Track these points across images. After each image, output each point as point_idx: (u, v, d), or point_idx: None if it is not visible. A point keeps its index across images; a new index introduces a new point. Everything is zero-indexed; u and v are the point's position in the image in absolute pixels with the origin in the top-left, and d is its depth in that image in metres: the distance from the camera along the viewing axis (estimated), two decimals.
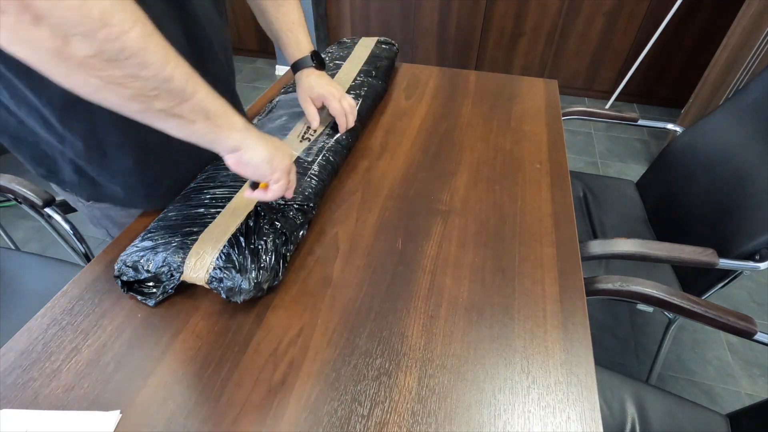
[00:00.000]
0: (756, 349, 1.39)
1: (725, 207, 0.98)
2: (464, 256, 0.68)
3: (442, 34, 2.68)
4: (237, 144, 0.50)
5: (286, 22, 0.78)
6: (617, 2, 2.32)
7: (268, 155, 0.52)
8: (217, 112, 0.46)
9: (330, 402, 0.50)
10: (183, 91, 0.42)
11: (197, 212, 0.65)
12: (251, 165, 0.52)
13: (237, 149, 0.50)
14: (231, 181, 0.70)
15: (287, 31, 0.78)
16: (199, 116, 0.45)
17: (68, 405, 0.49)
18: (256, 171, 0.54)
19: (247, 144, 0.50)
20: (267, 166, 0.53)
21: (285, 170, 0.56)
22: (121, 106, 0.41)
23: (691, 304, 0.76)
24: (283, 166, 0.56)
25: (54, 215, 0.97)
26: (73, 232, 1.01)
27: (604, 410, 0.79)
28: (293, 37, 0.79)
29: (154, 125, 0.44)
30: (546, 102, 1.09)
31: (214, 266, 0.57)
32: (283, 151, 0.56)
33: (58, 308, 0.59)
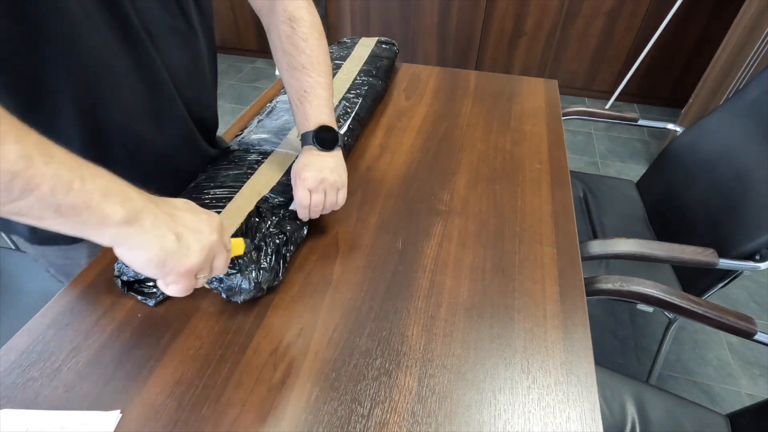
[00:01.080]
0: (756, 349, 1.39)
1: (725, 207, 0.98)
2: (464, 256, 0.68)
3: (442, 34, 2.68)
4: (112, 241, 0.39)
5: (297, 91, 0.68)
6: (617, 2, 2.32)
7: (157, 256, 0.40)
8: (75, 206, 0.35)
9: (330, 402, 0.50)
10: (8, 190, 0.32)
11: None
12: (134, 265, 0.41)
13: (114, 246, 0.39)
14: (231, 181, 0.70)
15: (297, 102, 0.69)
16: (46, 212, 0.35)
17: (68, 405, 0.49)
18: (142, 271, 0.41)
19: (124, 242, 0.39)
20: (154, 269, 0.41)
21: (185, 273, 0.42)
22: None
23: (691, 304, 0.76)
24: (180, 270, 0.42)
25: None
26: None
27: (604, 410, 0.79)
28: (301, 108, 0.68)
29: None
30: (546, 102, 1.09)
31: None
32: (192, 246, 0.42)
33: (58, 308, 0.59)
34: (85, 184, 0.36)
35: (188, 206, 0.45)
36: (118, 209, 0.37)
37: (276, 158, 0.76)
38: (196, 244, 0.42)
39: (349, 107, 0.91)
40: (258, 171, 0.73)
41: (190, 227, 0.43)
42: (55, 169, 0.34)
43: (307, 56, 0.67)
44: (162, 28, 0.56)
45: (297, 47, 0.67)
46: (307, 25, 0.68)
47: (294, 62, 0.67)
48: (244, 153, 0.78)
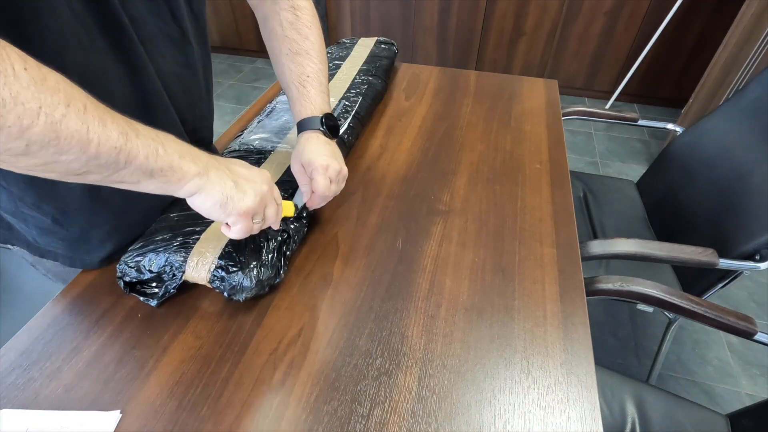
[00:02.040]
0: (756, 349, 1.39)
1: (725, 207, 0.98)
2: (464, 256, 0.68)
3: (442, 34, 2.68)
4: (189, 192, 0.47)
5: (300, 75, 0.66)
6: (617, 2, 2.32)
7: (220, 201, 0.47)
8: (162, 168, 0.43)
9: (330, 402, 0.50)
10: (116, 163, 0.39)
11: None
12: (202, 209, 0.49)
13: (190, 195, 0.47)
14: None
15: (298, 85, 0.66)
16: (142, 177, 0.42)
17: (68, 405, 0.49)
18: (209, 214, 0.49)
19: (199, 191, 0.47)
20: (219, 211, 0.48)
21: (242, 214, 0.49)
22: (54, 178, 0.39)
23: (691, 304, 0.76)
24: (239, 210, 0.49)
25: None
26: None
27: (604, 410, 0.79)
28: (304, 92, 0.66)
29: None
30: (546, 102, 1.09)
31: (216, 265, 0.57)
32: (247, 191, 0.50)
33: (58, 308, 0.59)
34: (167, 149, 0.43)
35: (242, 163, 0.52)
36: (192, 166, 0.45)
37: (277, 157, 0.76)
38: (251, 190, 0.50)
39: (349, 106, 0.91)
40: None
41: (245, 177, 0.50)
42: (144, 140, 0.41)
43: (311, 43, 0.67)
44: (154, 34, 0.55)
45: (300, 33, 0.67)
46: (310, 14, 0.68)
47: (297, 47, 0.66)
48: (246, 153, 0.78)
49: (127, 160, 0.40)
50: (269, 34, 0.68)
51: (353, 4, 2.71)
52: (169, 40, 0.58)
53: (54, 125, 0.34)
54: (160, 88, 0.58)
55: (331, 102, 0.91)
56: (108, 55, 0.50)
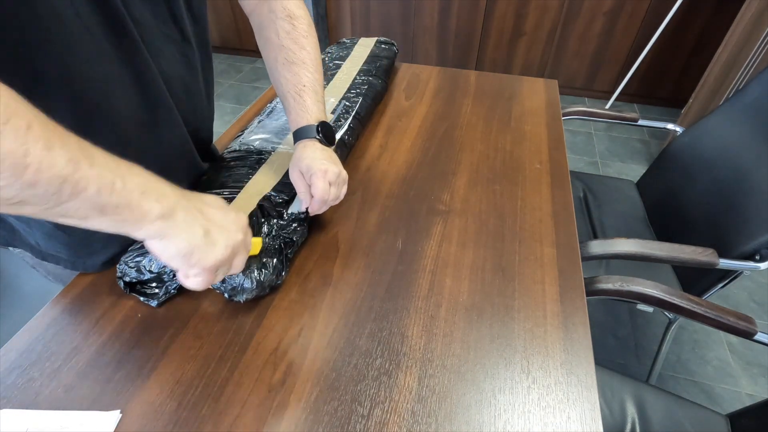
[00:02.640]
0: (756, 349, 1.39)
1: (725, 207, 0.98)
2: (464, 256, 0.68)
3: (442, 34, 2.68)
4: (148, 235, 0.41)
5: (296, 84, 0.66)
6: (617, 2, 2.32)
7: (185, 249, 0.42)
8: (118, 205, 0.37)
9: (330, 402, 0.50)
10: (58, 194, 0.33)
11: None
12: (162, 257, 0.42)
13: (149, 239, 0.41)
14: (232, 182, 0.70)
15: (295, 94, 0.66)
16: (91, 213, 0.36)
17: (68, 405, 0.49)
18: (168, 263, 0.43)
19: (162, 235, 0.41)
20: (181, 261, 0.43)
21: (207, 269, 0.44)
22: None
23: (692, 304, 0.76)
24: (205, 264, 0.43)
25: None
26: None
27: (604, 410, 0.79)
28: (300, 101, 0.66)
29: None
30: (546, 102, 1.09)
31: None
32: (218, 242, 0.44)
33: (58, 308, 0.59)
34: (126, 184, 0.38)
35: (218, 203, 0.47)
36: (155, 206, 0.39)
37: (277, 158, 0.76)
38: (223, 240, 0.44)
39: (350, 106, 0.91)
40: (260, 170, 0.73)
41: (218, 224, 0.45)
42: (98, 171, 0.35)
43: (307, 53, 0.67)
44: (155, 37, 0.55)
45: (297, 43, 0.67)
46: (306, 24, 0.68)
47: (293, 57, 0.66)
48: (246, 153, 0.78)
49: (73, 192, 0.34)
50: (265, 43, 0.68)
51: (353, 4, 2.71)
52: (170, 42, 0.58)
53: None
54: (164, 91, 0.57)
55: (331, 102, 0.91)
56: (113, 59, 0.50)
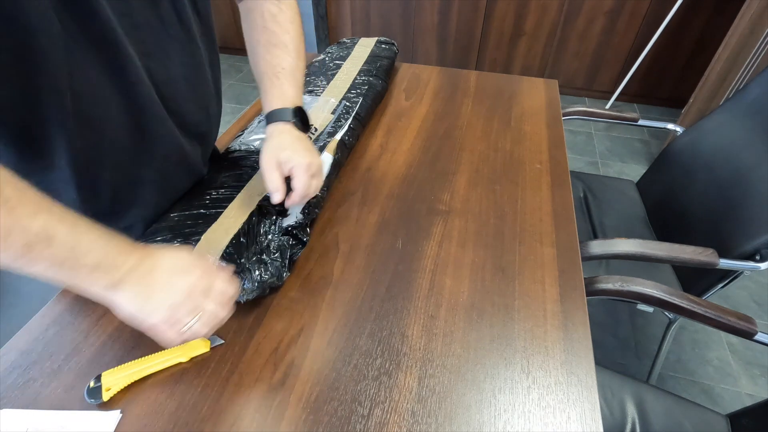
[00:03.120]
0: (756, 349, 1.39)
1: (725, 207, 0.98)
2: (464, 256, 0.68)
3: (443, 34, 2.68)
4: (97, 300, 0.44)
5: (274, 66, 0.64)
6: (617, 2, 2.32)
7: (128, 314, 0.45)
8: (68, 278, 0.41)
9: (330, 402, 0.50)
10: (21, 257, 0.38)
11: (199, 213, 0.65)
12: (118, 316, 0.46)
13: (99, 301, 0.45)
14: (233, 182, 0.70)
15: (272, 76, 0.64)
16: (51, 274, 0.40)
17: (68, 405, 0.49)
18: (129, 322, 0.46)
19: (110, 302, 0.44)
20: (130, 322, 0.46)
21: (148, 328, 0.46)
22: None
23: (692, 304, 0.76)
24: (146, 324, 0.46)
25: None
26: None
27: (605, 410, 0.79)
28: (277, 83, 0.64)
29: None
30: (546, 102, 1.09)
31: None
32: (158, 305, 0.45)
33: (58, 308, 0.59)
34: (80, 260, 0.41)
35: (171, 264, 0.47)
36: (102, 281, 0.43)
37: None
38: (161, 304, 0.45)
39: (350, 107, 0.91)
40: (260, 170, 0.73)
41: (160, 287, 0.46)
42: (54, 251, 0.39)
43: (290, 37, 0.66)
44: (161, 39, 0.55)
45: (282, 26, 0.65)
46: (293, 10, 0.68)
47: (276, 40, 0.65)
48: (246, 153, 0.78)
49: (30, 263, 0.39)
50: (250, 26, 0.67)
51: (353, 4, 2.71)
52: (176, 43, 0.57)
53: None
54: (156, 102, 0.56)
55: (331, 102, 0.91)
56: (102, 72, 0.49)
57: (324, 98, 0.93)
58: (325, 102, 0.91)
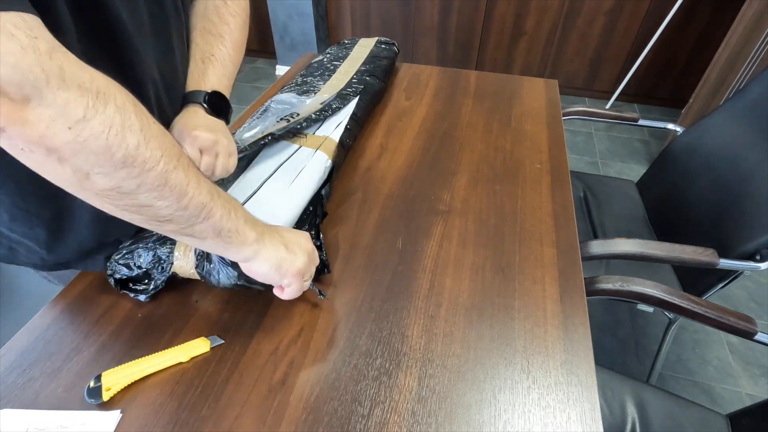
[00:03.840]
0: (756, 349, 1.39)
1: (725, 207, 0.98)
2: (464, 256, 0.68)
3: (443, 34, 2.68)
4: (245, 257, 0.50)
5: (203, 51, 0.63)
6: (618, 2, 2.32)
7: (276, 263, 0.51)
8: (230, 230, 0.46)
9: (330, 402, 0.50)
10: (197, 216, 0.43)
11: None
12: (259, 274, 0.52)
13: (246, 261, 0.51)
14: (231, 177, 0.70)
15: (198, 60, 0.62)
16: (210, 234, 0.45)
17: (68, 405, 0.49)
18: (266, 279, 0.53)
19: (256, 256, 0.50)
20: (275, 275, 0.52)
21: (295, 274, 0.53)
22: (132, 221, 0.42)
23: (692, 304, 0.76)
24: (293, 271, 0.53)
25: None
26: None
27: (605, 410, 0.79)
28: (201, 67, 0.62)
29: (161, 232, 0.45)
30: (546, 102, 1.09)
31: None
32: (297, 253, 0.53)
33: (58, 308, 0.59)
34: (237, 213, 0.47)
35: (285, 228, 0.56)
36: (252, 233, 0.49)
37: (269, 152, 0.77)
38: (300, 251, 0.54)
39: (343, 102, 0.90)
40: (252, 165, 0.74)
41: (293, 241, 0.54)
42: (222, 202, 0.45)
43: (229, 29, 0.65)
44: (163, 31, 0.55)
45: (222, 18, 0.65)
46: (240, 7, 0.67)
47: (212, 28, 0.64)
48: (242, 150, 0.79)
49: (207, 216, 0.43)
50: (193, 13, 0.65)
51: (353, 4, 2.71)
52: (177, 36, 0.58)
53: (166, 173, 0.39)
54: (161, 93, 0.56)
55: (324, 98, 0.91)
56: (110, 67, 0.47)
57: (319, 96, 0.93)
58: (318, 99, 0.92)
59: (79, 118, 0.33)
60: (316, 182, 0.72)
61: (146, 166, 0.37)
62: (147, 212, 0.40)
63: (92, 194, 0.38)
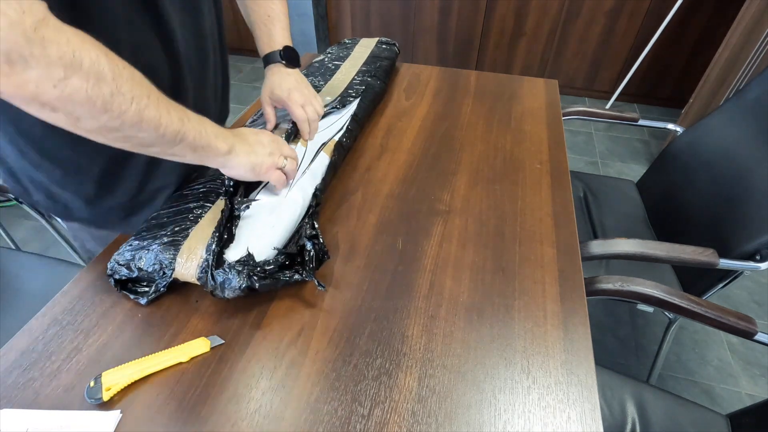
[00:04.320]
0: (756, 349, 1.39)
1: (725, 207, 0.98)
2: (464, 256, 0.68)
3: (443, 34, 2.68)
4: (221, 165, 0.59)
5: (262, 15, 0.76)
6: (617, 2, 2.32)
7: (249, 167, 0.61)
8: (203, 146, 0.54)
9: (330, 402, 0.50)
10: (173, 141, 0.51)
11: (187, 207, 0.65)
12: (237, 175, 0.62)
13: (223, 167, 0.60)
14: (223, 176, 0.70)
15: (261, 25, 0.77)
16: (188, 152, 0.54)
17: (68, 405, 0.49)
18: (245, 177, 0.63)
19: (229, 163, 0.59)
20: (250, 173, 0.62)
21: (269, 169, 0.63)
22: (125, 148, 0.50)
23: (692, 304, 0.76)
24: (265, 169, 0.62)
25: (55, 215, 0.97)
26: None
27: (605, 410, 0.79)
28: (266, 30, 0.77)
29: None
30: (546, 102, 1.09)
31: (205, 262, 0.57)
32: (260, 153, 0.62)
33: (58, 308, 0.59)
34: (207, 131, 0.55)
35: (249, 130, 0.64)
36: (223, 145, 0.57)
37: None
38: (263, 149, 0.63)
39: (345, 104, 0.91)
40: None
41: (257, 142, 0.63)
42: (193, 124, 0.52)
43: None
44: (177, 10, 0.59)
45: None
46: None
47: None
48: None
49: (182, 139, 0.51)
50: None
51: (353, 4, 2.71)
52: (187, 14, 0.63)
53: (140, 112, 0.46)
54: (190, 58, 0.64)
55: (326, 100, 0.91)
56: (148, 28, 0.56)
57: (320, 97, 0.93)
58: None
59: (60, 77, 0.39)
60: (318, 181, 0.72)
61: (122, 108, 0.44)
62: (133, 141, 0.48)
63: (86, 132, 0.45)
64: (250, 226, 0.63)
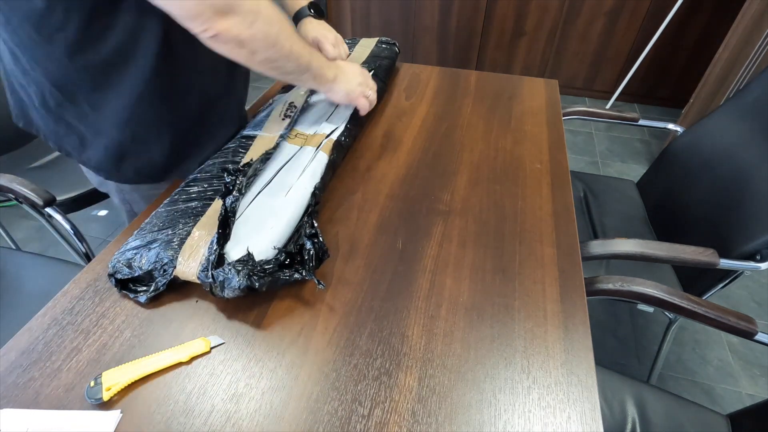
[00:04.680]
0: (756, 349, 1.39)
1: (726, 207, 0.98)
2: (464, 256, 0.68)
3: (443, 34, 2.68)
4: (327, 89, 0.80)
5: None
6: (617, 2, 2.32)
7: (345, 92, 0.81)
8: (319, 75, 0.75)
9: (330, 402, 0.50)
10: (305, 69, 0.71)
11: (189, 206, 0.66)
12: (336, 99, 0.83)
13: (328, 91, 0.81)
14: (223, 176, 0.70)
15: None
16: (310, 78, 0.74)
17: (68, 405, 0.49)
18: (342, 101, 0.84)
19: (334, 88, 0.79)
20: (346, 99, 0.83)
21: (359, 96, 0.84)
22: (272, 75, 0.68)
23: (692, 304, 0.76)
24: (356, 95, 0.83)
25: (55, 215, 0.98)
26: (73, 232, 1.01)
27: (605, 410, 0.79)
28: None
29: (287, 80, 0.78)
30: (546, 102, 1.09)
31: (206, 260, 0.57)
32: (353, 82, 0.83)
33: (58, 308, 0.59)
34: (321, 63, 0.75)
35: (345, 63, 0.84)
36: (330, 74, 0.77)
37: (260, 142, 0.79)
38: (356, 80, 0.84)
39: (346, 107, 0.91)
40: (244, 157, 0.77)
41: (351, 72, 0.84)
42: (315, 56, 0.72)
43: None
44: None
45: None
46: None
47: None
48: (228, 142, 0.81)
49: (308, 68, 0.71)
50: None
51: (353, 4, 2.71)
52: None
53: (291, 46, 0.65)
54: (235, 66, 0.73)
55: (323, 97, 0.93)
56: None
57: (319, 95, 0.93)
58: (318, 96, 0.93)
59: (252, 20, 0.57)
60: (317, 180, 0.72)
61: (282, 43, 0.63)
62: (281, 68, 0.67)
63: (255, 63, 0.62)
64: (250, 225, 0.63)
